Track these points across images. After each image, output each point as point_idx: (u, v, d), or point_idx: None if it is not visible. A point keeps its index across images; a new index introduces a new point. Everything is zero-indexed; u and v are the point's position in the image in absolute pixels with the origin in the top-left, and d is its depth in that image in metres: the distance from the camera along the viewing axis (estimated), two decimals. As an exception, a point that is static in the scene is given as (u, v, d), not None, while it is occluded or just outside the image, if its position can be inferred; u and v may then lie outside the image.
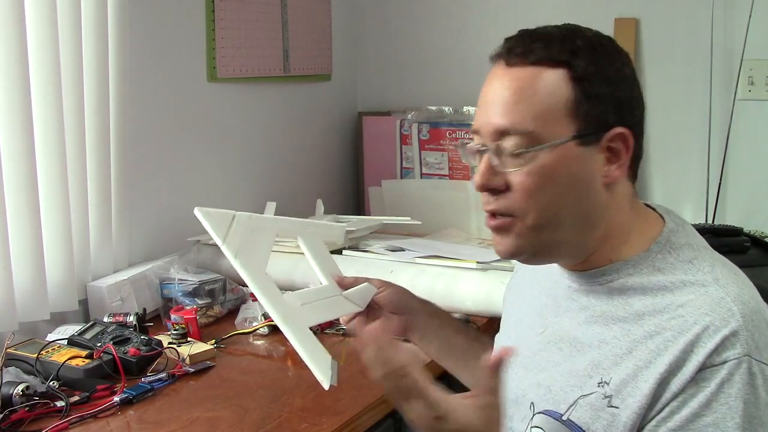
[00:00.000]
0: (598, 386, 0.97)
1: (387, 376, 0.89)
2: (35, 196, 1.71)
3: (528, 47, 0.98)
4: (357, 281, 1.30)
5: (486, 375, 0.89)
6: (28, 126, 1.68)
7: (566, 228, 1.00)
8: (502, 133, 0.97)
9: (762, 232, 2.27)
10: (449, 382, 1.83)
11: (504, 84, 0.98)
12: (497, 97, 0.98)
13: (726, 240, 1.96)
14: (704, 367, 0.90)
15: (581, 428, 0.98)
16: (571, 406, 0.99)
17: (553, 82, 0.96)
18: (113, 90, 1.92)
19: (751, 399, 0.89)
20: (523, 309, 1.17)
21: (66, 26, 1.77)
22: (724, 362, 0.89)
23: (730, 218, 2.44)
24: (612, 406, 0.95)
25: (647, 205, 1.09)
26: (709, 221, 2.42)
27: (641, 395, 0.93)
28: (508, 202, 0.99)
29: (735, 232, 2.12)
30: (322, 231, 1.49)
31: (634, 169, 1.04)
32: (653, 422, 0.93)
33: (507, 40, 1.01)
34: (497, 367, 0.88)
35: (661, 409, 0.92)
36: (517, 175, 0.97)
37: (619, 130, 0.98)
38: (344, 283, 1.29)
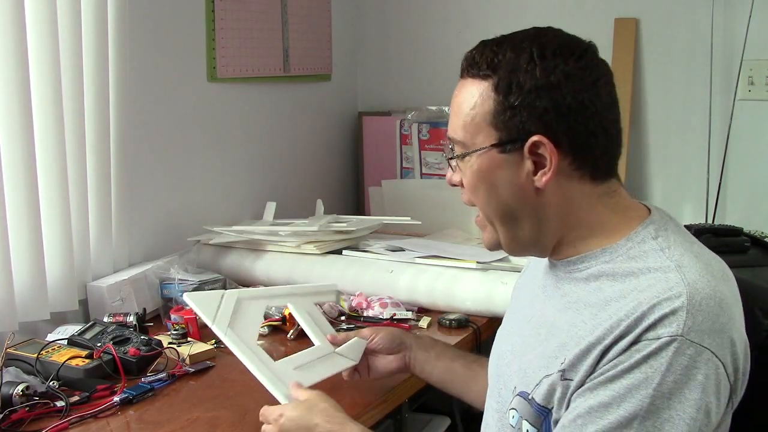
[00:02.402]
0: (560, 365, 1.02)
1: None
2: (35, 196, 1.71)
3: (470, 61, 1.08)
4: (348, 337, 1.44)
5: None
6: (28, 126, 1.68)
7: (511, 224, 1.09)
8: (450, 140, 1.11)
9: (762, 232, 2.27)
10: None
11: (454, 96, 1.11)
12: (451, 108, 1.12)
13: (726, 240, 1.95)
14: (639, 340, 0.95)
15: (539, 404, 1.04)
16: (537, 385, 1.05)
17: (478, 94, 1.06)
18: (113, 90, 1.92)
19: (681, 378, 0.93)
20: (521, 301, 1.23)
21: (66, 26, 1.77)
22: (657, 338, 0.94)
23: (730, 218, 2.44)
24: (565, 379, 1.01)
25: (641, 203, 1.12)
26: (709, 221, 2.42)
27: (588, 366, 0.99)
28: (466, 196, 1.13)
29: (735, 232, 2.11)
30: (314, 292, 1.55)
31: (592, 170, 1.05)
32: (586, 381, 0.99)
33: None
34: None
35: (596, 372, 0.98)
36: (462, 175, 1.11)
37: (534, 138, 1.02)
38: (337, 341, 1.42)
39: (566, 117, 1.02)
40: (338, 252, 2.12)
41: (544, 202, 1.06)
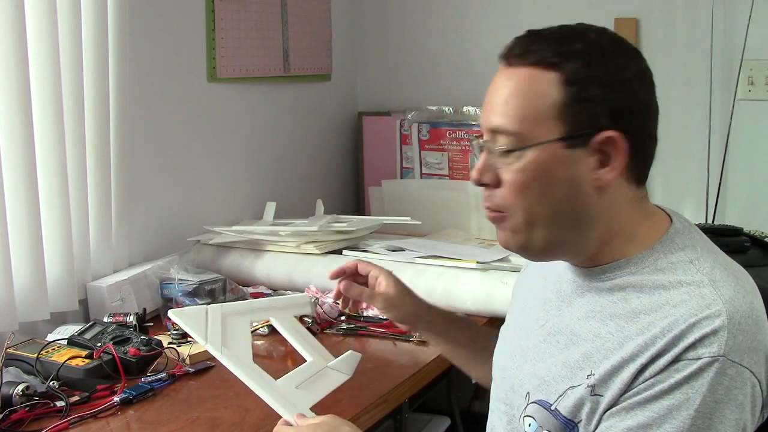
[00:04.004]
0: (587, 378, 1.00)
1: None
2: (35, 196, 1.71)
3: (526, 48, 1.01)
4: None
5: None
6: (28, 126, 1.68)
7: (558, 227, 1.02)
8: (494, 132, 1.02)
9: (762, 232, 2.27)
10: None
11: (501, 84, 1.02)
12: (494, 97, 1.02)
13: (726, 240, 1.95)
14: (679, 360, 0.93)
15: (566, 417, 1.01)
16: (560, 396, 1.02)
17: (543, 84, 0.99)
18: (113, 90, 1.92)
19: (722, 398, 0.92)
20: (528, 302, 1.20)
21: (66, 26, 1.77)
22: (698, 358, 0.92)
23: (730, 218, 2.44)
24: (595, 394, 0.98)
25: (658, 207, 1.10)
26: (709, 221, 2.42)
27: (621, 383, 0.96)
28: (498, 198, 1.03)
29: (735, 232, 2.11)
30: (291, 305, 1.58)
31: (639, 173, 1.04)
32: (621, 399, 0.97)
33: (513, 39, 1.04)
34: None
35: (632, 390, 0.96)
36: (506, 172, 1.01)
37: (608, 133, 0.98)
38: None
39: (635, 116, 1.00)
40: (338, 252, 2.12)
41: (598, 204, 1.01)
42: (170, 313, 1.33)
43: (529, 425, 1.06)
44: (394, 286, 1.39)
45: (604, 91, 0.98)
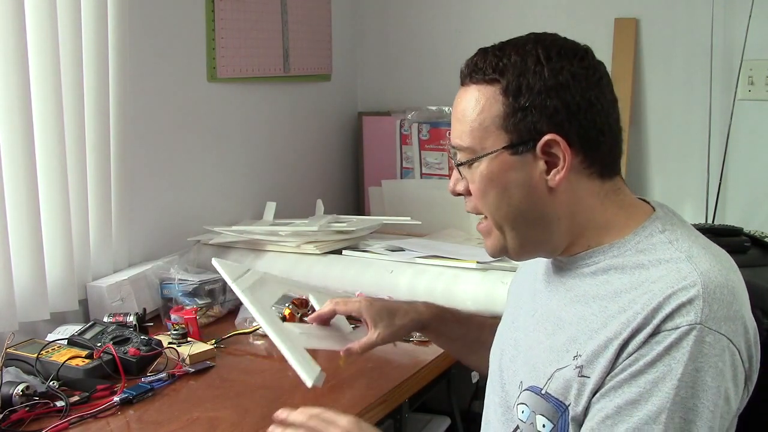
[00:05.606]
0: (573, 359, 1.02)
1: None
2: (35, 196, 1.71)
3: (472, 68, 1.09)
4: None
5: None
6: (28, 126, 1.68)
7: (523, 227, 1.10)
8: (455, 147, 1.12)
9: (762, 232, 2.27)
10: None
11: (456, 103, 1.12)
12: (453, 116, 1.13)
13: (726, 240, 1.95)
14: (658, 331, 0.96)
15: (557, 399, 1.04)
16: (549, 379, 1.05)
17: (486, 99, 1.07)
18: (113, 90, 1.92)
19: (702, 366, 0.94)
20: (522, 297, 1.23)
21: (66, 26, 1.77)
22: (676, 328, 0.95)
23: (730, 218, 2.44)
24: (582, 376, 1.01)
25: (643, 200, 1.13)
26: (709, 221, 2.42)
27: (607, 361, 0.99)
28: (471, 205, 1.14)
29: (735, 232, 2.11)
30: (335, 294, 1.62)
31: (600, 167, 1.07)
32: (608, 378, 0.99)
33: (466, 60, 1.12)
34: None
35: (617, 368, 0.98)
36: (470, 182, 1.11)
37: (547, 138, 1.04)
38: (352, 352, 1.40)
39: (576, 115, 1.04)
40: (338, 252, 2.11)
41: (556, 202, 1.07)
42: (214, 260, 1.39)
43: (522, 412, 1.09)
44: (383, 325, 1.40)
45: (537, 98, 1.04)
